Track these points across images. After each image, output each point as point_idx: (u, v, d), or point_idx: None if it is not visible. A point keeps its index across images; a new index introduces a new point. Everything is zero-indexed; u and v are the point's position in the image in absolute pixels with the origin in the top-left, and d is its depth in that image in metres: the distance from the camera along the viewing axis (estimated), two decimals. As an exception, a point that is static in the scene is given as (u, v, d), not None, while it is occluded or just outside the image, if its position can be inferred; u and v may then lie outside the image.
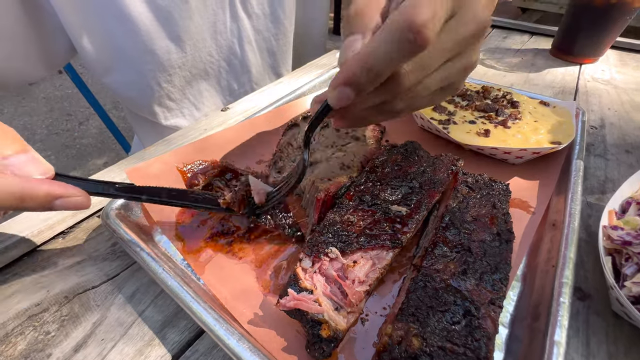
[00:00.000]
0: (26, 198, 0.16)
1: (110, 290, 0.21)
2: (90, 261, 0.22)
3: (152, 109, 0.42)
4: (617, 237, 0.19)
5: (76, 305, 0.20)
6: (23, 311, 0.19)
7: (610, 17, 0.46)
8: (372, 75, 0.16)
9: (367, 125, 0.26)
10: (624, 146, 0.34)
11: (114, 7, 0.33)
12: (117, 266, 0.22)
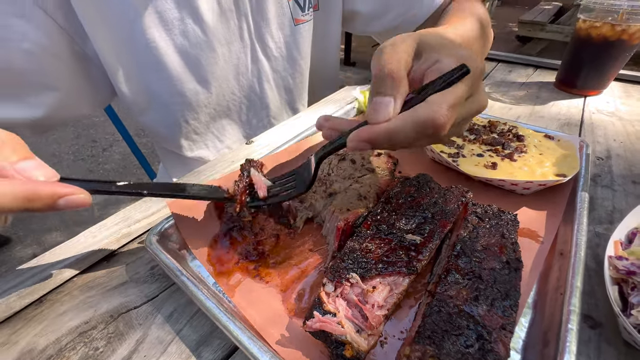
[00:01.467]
0: (32, 199, 0.17)
1: (150, 311, 0.23)
2: (131, 283, 0.25)
3: (179, 142, 0.46)
4: (622, 267, 0.21)
5: (121, 323, 0.22)
6: (74, 328, 0.22)
7: (610, 54, 0.49)
8: (391, 144, 0.21)
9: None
10: (630, 177, 0.35)
11: (152, 59, 0.37)
12: (156, 288, 0.24)
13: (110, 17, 0.34)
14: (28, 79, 0.34)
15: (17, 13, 0.31)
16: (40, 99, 0.36)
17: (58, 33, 0.34)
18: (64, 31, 0.34)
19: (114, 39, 0.36)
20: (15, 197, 0.16)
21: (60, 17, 0.33)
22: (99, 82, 0.40)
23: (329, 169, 0.32)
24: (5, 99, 0.34)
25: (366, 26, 0.53)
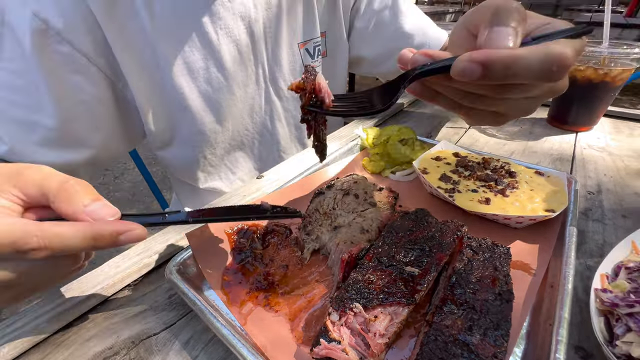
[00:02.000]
0: (98, 238, 0.20)
1: (169, 337, 0.24)
2: (151, 311, 0.27)
3: (196, 175, 0.50)
4: (606, 300, 0.22)
5: (142, 349, 0.24)
6: (99, 353, 0.23)
7: (596, 94, 0.52)
8: (505, 74, 0.18)
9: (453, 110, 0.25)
10: (620, 211, 0.37)
11: (178, 102, 0.42)
12: (174, 316, 0.26)
13: (144, 65, 0.39)
14: (82, 125, 0.39)
15: (75, 70, 0.36)
16: (89, 142, 0.40)
17: (104, 80, 0.39)
18: (108, 78, 0.39)
19: (147, 84, 0.40)
20: (84, 238, 0.19)
21: (107, 68, 0.38)
22: (134, 122, 0.44)
23: (334, 204, 0.35)
24: (62, 146, 0.38)
25: (372, 69, 0.58)
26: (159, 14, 0.37)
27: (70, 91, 0.36)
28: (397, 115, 0.66)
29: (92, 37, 0.35)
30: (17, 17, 0.33)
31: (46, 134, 0.37)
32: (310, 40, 0.50)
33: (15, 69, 0.34)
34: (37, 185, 0.20)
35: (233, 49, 0.42)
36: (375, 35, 0.54)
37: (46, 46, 0.33)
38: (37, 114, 0.36)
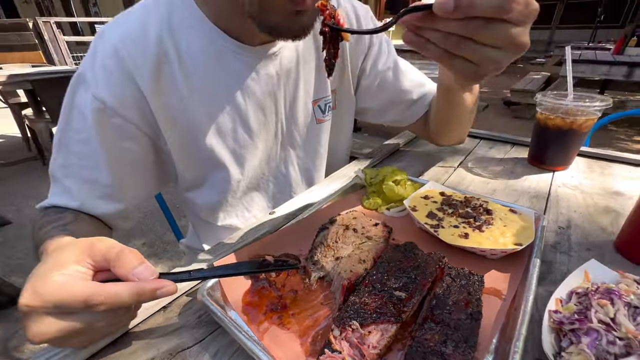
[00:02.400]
0: (141, 294, 0.26)
1: (200, 350, 0.30)
2: (184, 328, 0.32)
3: (216, 214, 0.57)
4: (555, 319, 0.27)
5: (180, 360, 0.29)
6: (144, 363, 0.29)
7: (566, 139, 0.60)
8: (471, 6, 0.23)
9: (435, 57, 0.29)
10: (585, 244, 0.42)
11: (208, 157, 0.50)
12: (203, 332, 0.32)
13: (181, 128, 0.47)
14: (130, 180, 0.47)
15: (125, 137, 0.44)
16: (135, 193, 0.49)
17: (148, 142, 0.47)
18: (151, 139, 0.47)
19: (182, 143, 0.48)
20: (132, 294, 0.26)
21: (150, 132, 0.47)
22: (169, 171, 0.53)
23: (336, 237, 0.41)
24: (116, 198, 0.46)
25: (376, 119, 0.67)
26: (196, 88, 0.46)
27: (121, 154, 0.45)
28: (394, 154, 0.73)
29: (139, 110, 0.44)
30: (82, 99, 0.42)
31: (104, 190, 0.45)
32: (322, 99, 0.58)
33: (81, 139, 0.43)
34: (102, 255, 0.27)
35: (258, 112, 0.51)
36: (379, 92, 0.63)
37: (103, 120, 0.42)
38: (97, 173, 0.44)
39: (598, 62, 3.60)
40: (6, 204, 2.36)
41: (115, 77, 0.41)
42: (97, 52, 0.42)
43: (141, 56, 0.42)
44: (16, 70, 2.86)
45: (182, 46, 0.44)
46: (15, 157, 3.14)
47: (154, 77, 0.43)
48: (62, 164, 0.44)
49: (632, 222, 0.40)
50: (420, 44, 0.28)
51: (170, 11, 0.43)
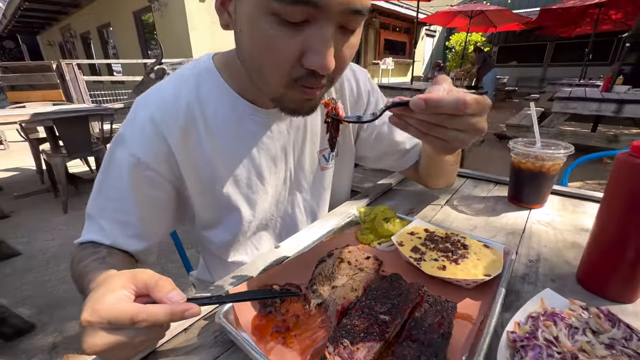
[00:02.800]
0: (173, 314, 0.32)
1: (217, 365, 0.35)
2: (202, 347, 0.38)
3: (227, 252, 0.64)
4: (511, 338, 0.33)
5: (199, 373, 0.35)
6: (170, 375, 0.34)
7: (538, 180, 0.67)
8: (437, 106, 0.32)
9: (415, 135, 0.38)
10: (550, 276, 0.48)
11: (225, 203, 0.58)
12: (219, 350, 0.37)
13: (202, 177, 0.56)
14: (155, 221, 0.55)
15: (154, 186, 0.53)
16: (160, 231, 0.57)
17: (173, 189, 0.56)
18: (175, 187, 0.56)
19: (202, 190, 0.57)
20: (166, 314, 0.32)
21: (175, 181, 0.55)
22: (188, 212, 0.61)
23: (332, 269, 0.47)
24: (143, 237, 0.54)
25: (374, 164, 0.76)
26: (218, 146, 0.55)
27: (149, 201, 0.53)
28: (387, 192, 0.81)
29: (168, 164, 0.53)
30: (120, 155, 0.51)
31: (133, 230, 0.52)
32: (326, 149, 0.67)
33: (117, 187, 0.51)
34: (144, 282, 0.34)
35: (270, 162, 0.59)
36: (376, 143, 0.72)
37: (137, 173, 0.51)
38: (128, 217, 0.52)
39: (588, 99, 3.78)
40: (17, 235, 2.42)
41: (150, 137, 0.51)
42: (135, 118, 0.52)
43: (173, 120, 0.51)
44: (39, 108, 3.07)
45: (208, 112, 0.53)
46: (28, 189, 3.25)
47: (182, 137, 0.52)
48: (99, 207, 0.53)
49: (586, 256, 0.46)
50: (402, 125, 0.38)
51: (199, 83, 0.53)
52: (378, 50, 11.87)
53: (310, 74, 0.40)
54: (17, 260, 2.10)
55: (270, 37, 0.37)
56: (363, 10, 0.37)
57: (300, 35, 0.37)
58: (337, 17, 0.37)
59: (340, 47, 0.40)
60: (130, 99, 6.42)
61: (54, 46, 14.48)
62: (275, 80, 0.42)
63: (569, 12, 7.26)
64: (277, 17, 0.36)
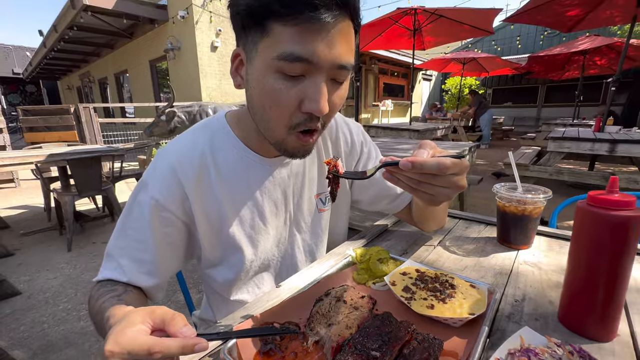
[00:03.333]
0: (184, 347, 0.36)
1: (221, 400, 0.38)
2: (208, 383, 0.41)
3: (229, 290, 0.67)
4: (490, 372, 0.36)
5: (204, 407, 0.37)
6: (177, 409, 0.37)
7: (522, 222, 0.72)
8: (421, 167, 0.39)
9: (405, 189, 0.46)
10: (534, 315, 0.51)
11: (230, 243, 0.63)
12: (223, 386, 0.40)
13: (210, 218, 0.62)
14: (167, 259, 0.60)
15: (169, 225, 0.59)
16: (171, 268, 0.62)
17: (184, 228, 0.61)
18: (187, 226, 0.61)
19: (210, 229, 0.63)
20: (178, 347, 0.36)
21: (187, 220, 0.61)
22: (195, 251, 0.66)
23: (329, 307, 0.51)
24: (156, 274, 0.59)
25: (368, 208, 0.82)
26: (227, 190, 0.62)
27: (163, 238, 0.59)
28: (382, 233, 0.86)
29: (182, 205, 0.59)
30: (142, 198, 0.58)
31: (148, 267, 0.58)
32: (323, 193, 0.74)
33: (136, 227, 0.58)
34: (160, 318, 0.38)
35: (272, 206, 0.66)
36: (369, 188, 0.78)
37: (155, 214, 0.57)
38: (145, 254, 0.57)
39: (581, 139, 3.91)
40: (20, 273, 2.43)
41: (168, 183, 0.58)
42: (156, 166, 0.60)
43: (189, 167, 0.59)
44: (55, 149, 3.23)
45: (219, 160, 0.61)
46: (35, 227, 3.30)
47: (196, 182, 0.59)
48: (119, 246, 0.58)
49: (563, 297, 0.50)
50: (394, 181, 0.46)
51: (213, 135, 0.62)
52: (377, 93, 12.50)
53: (308, 118, 0.49)
54: (17, 300, 2.09)
55: (275, 90, 0.46)
56: (347, 66, 0.46)
57: (298, 87, 0.46)
58: (327, 71, 0.46)
59: (331, 95, 0.48)
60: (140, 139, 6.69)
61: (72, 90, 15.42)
62: (279, 125, 0.50)
63: (556, 59, 7.75)
64: (281, 74, 0.45)
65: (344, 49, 0.45)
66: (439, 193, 0.43)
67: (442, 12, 4.93)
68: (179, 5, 6.96)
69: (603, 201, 0.42)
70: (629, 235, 0.41)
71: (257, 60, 0.47)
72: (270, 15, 0.43)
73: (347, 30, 0.46)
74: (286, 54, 0.43)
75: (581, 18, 4.80)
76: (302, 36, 0.42)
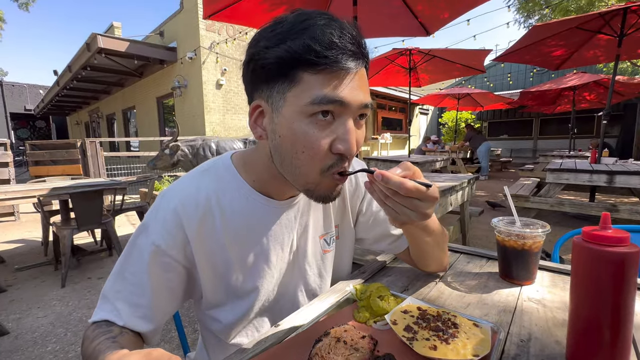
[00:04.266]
0: None
1: None
2: None
3: (228, 334, 0.65)
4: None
5: None
6: None
7: (523, 257, 0.72)
8: (386, 182, 0.45)
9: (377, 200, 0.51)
10: (541, 356, 0.50)
11: (233, 288, 0.63)
12: None
13: (213, 264, 0.61)
14: (165, 303, 0.60)
15: (168, 270, 0.58)
16: (168, 312, 0.61)
17: (185, 272, 0.61)
18: (188, 270, 0.61)
19: (212, 275, 0.62)
20: None
21: (188, 265, 0.60)
22: (197, 290, 0.64)
23: (329, 349, 0.49)
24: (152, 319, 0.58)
25: (371, 247, 0.82)
26: (231, 234, 0.61)
27: (162, 283, 0.58)
28: (382, 269, 0.85)
29: (184, 251, 0.59)
30: (142, 242, 0.58)
31: (144, 311, 0.56)
32: (328, 233, 0.73)
33: (135, 271, 0.57)
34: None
35: (277, 247, 0.65)
36: (373, 227, 0.78)
37: (155, 259, 0.57)
38: (142, 299, 0.56)
39: (579, 170, 3.95)
40: (9, 312, 2.35)
41: (170, 228, 0.58)
42: (159, 208, 0.60)
43: (193, 210, 0.59)
44: (58, 183, 3.27)
45: (224, 201, 0.61)
46: (30, 261, 3.25)
47: (199, 226, 0.59)
48: (116, 289, 0.57)
49: (569, 337, 0.48)
50: (371, 190, 0.50)
51: (219, 177, 0.63)
52: (376, 126, 12.87)
53: (339, 159, 0.51)
54: (3, 340, 2.00)
55: (308, 134, 0.48)
56: (369, 104, 0.51)
57: (329, 129, 0.49)
58: (354, 111, 0.50)
59: (357, 132, 0.52)
60: (143, 172, 6.78)
61: (80, 125, 15.91)
62: (312, 169, 0.51)
63: (547, 94, 8.07)
64: (313, 118, 0.48)
65: (365, 90, 0.51)
66: (402, 212, 0.48)
67: (435, 53, 5.23)
68: (188, 48, 7.41)
69: (597, 237, 0.42)
70: (626, 271, 0.41)
71: (286, 109, 0.49)
72: (300, 65, 0.46)
73: (364, 74, 0.51)
74: (319, 97, 0.46)
75: (567, 57, 5.07)
76: (332, 82, 0.47)
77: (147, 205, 3.78)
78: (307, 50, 0.45)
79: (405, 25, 3.69)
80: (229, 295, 0.64)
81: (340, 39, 0.46)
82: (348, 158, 0.51)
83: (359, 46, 0.48)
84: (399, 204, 0.47)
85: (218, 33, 7.37)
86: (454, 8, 3.39)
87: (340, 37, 0.46)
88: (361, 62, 0.49)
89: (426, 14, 3.52)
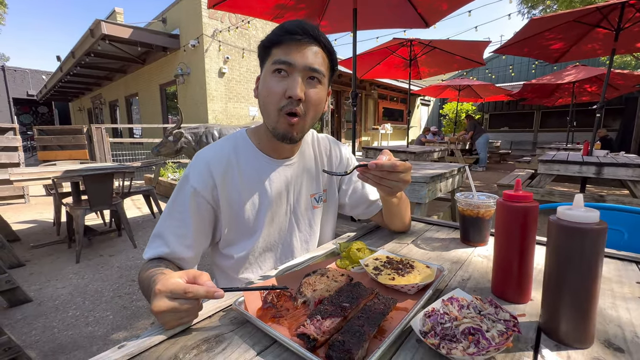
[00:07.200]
0: (208, 292, 0.52)
1: (233, 334, 0.53)
2: (222, 325, 0.56)
3: (238, 269, 0.83)
4: (424, 313, 0.51)
5: (224, 338, 0.52)
6: (205, 338, 0.52)
7: (478, 223, 0.88)
8: (381, 167, 0.64)
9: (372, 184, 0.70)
10: (474, 288, 0.66)
11: (246, 223, 0.81)
12: (234, 326, 0.55)
13: (231, 203, 0.80)
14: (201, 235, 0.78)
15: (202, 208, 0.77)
16: (204, 243, 0.80)
17: (212, 211, 0.79)
18: (214, 209, 0.79)
19: (230, 213, 0.80)
20: (204, 292, 0.52)
21: (215, 205, 0.79)
22: (218, 230, 0.83)
23: (315, 279, 0.66)
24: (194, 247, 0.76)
25: (351, 211, 0.99)
26: (245, 182, 0.81)
27: (199, 217, 0.77)
28: (368, 233, 1.01)
29: (212, 194, 0.78)
30: (185, 187, 0.77)
31: (188, 241, 0.75)
32: (317, 193, 0.93)
33: (179, 209, 0.76)
34: (192, 274, 0.54)
35: (277, 197, 0.85)
36: (352, 194, 0.98)
37: (193, 199, 0.76)
38: (186, 230, 0.75)
39: (569, 162, 4.10)
40: (30, 283, 2.55)
41: (204, 175, 0.77)
42: (196, 163, 0.79)
43: (219, 164, 0.79)
44: (70, 166, 3.43)
45: (240, 160, 0.82)
46: (44, 240, 3.43)
47: (223, 176, 0.79)
48: (166, 225, 0.76)
49: (493, 274, 0.65)
50: (364, 178, 0.67)
51: (237, 143, 0.83)
52: (377, 117, 12.92)
53: (290, 102, 0.71)
54: (28, 307, 2.20)
55: (270, 84, 0.72)
56: (317, 69, 0.72)
57: (284, 82, 0.71)
58: (301, 71, 0.71)
59: (308, 89, 0.72)
60: (147, 158, 6.93)
61: (82, 111, 15.98)
62: (273, 109, 0.73)
63: (548, 86, 8.11)
64: (274, 74, 0.72)
65: (313, 59, 0.71)
66: (394, 186, 0.67)
67: (435, 44, 5.30)
68: (191, 35, 7.46)
69: (510, 197, 0.58)
70: (528, 220, 0.57)
71: (264, 73, 0.75)
72: (272, 45, 0.72)
73: (317, 51, 0.72)
74: (276, 60, 0.71)
75: (565, 50, 5.14)
76: (286, 50, 0.71)
77: (153, 188, 3.96)
78: (274, 34, 0.72)
79: (404, 17, 3.78)
80: (239, 233, 0.82)
81: (291, 25, 0.70)
82: (294, 100, 0.70)
83: (305, 31, 0.70)
84: (392, 181, 0.66)
85: (221, 21, 7.41)
86: (453, 0, 3.48)
87: (292, 25, 0.70)
88: (312, 41, 0.71)
89: (425, 6, 3.60)
